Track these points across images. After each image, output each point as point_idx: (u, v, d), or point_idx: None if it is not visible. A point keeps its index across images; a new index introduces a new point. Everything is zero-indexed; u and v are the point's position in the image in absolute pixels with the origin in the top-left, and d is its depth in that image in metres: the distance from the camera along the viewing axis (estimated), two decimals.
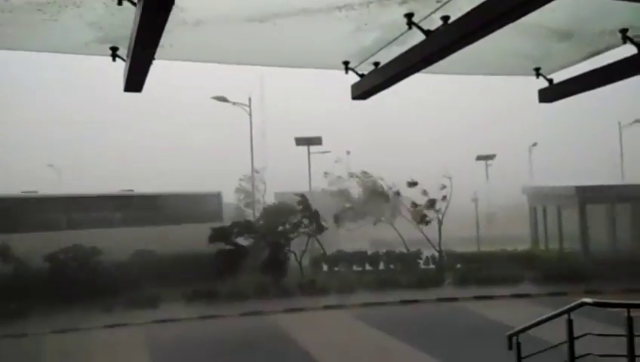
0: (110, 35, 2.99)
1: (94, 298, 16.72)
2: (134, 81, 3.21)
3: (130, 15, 2.62)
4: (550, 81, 4.27)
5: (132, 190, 22.98)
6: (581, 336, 6.09)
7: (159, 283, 18.14)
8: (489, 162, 36.14)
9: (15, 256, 17.31)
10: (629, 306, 5.92)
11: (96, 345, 13.69)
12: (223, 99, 27.57)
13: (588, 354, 6.27)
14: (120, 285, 17.80)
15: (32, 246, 17.43)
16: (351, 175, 23.36)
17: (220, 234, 19.80)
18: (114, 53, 3.09)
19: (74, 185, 26.94)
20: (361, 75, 3.93)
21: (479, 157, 36.46)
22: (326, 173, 23.92)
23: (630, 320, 5.70)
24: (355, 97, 4.12)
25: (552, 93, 4.28)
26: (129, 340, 14.10)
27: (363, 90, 3.98)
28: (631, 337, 5.72)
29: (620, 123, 39.21)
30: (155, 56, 2.94)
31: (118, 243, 18.81)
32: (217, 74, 25.11)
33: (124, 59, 3.12)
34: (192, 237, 20.12)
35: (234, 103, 28.32)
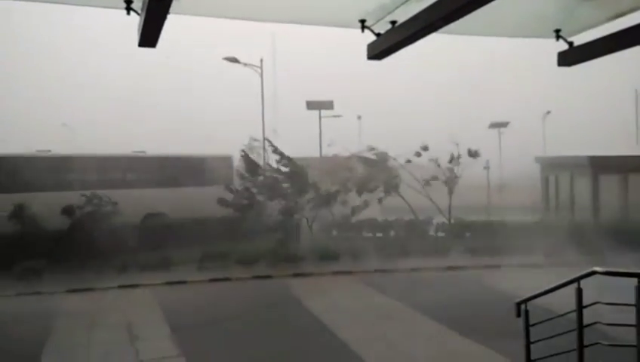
0: None
1: (108, 259, 16.97)
2: (149, 36, 3.16)
3: None
4: (570, 43, 4.17)
5: (144, 151, 23.07)
6: (590, 305, 6.09)
7: (170, 246, 18.36)
8: (502, 130, 35.83)
9: (29, 215, 17.56)
10: (639, 275, 5.88)
11: (110, 305, 13.97)
12: (234, 60, 27.37)
13: (596, 323, 6.28)
14: (132, 247, 18.03)
15: (46, 205, 17.66)
16: (352, 154, 23.12)
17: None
18: (128, 5, 3.04)
19: (87, 145, 27.02)
20: (378, 34, 3.85)
21: (492, 125, 36.14)
22: (329, 144, 23.90)
23: None
24: (370, 57, 4.05)
25: (572, 56, 4.17)
26: (143, 300, 14.38)
27: (379, 50, 3.90)
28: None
29: (636, 91, 38.52)
30: (170, 10, 2.89)
31: (130, 204, 18.98)
32: (229, 33, 24.82)
33: (138, 13, 3.07)
34: (203, 200, 20.29)
35: (245, 65, 28.12)
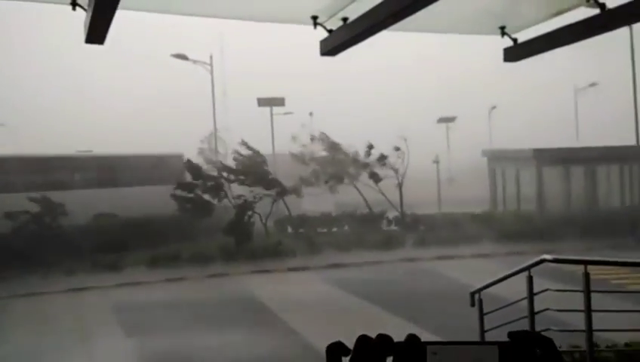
0: None
1: (56, 262, 16.44)
2: (96, 32, 3.07)
3: None
4: (515, 40, 4.31)
5: (91, 150, 22.42)
6: (540, 292, 6.31)
7: (121, 247, 17.93)
8: (449, 125, 36.60)
9: None
10: (586, 262, 6.14)
11: (59, 309, 13.52)
12: (183, 57, 26.92)
13: (547, 309, 6.53)
14: (81, 249, 17.50)
15: None
16: (312, 138, 23.43)
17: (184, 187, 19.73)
18: (74, 1, 2.95)
19: (29, 146, 26.03)
20: (330, 31, 3.87)
21: (440, 120, 36.88)
22: (294, 138, 23.92)
23: (587, 276, 5.90)
24: (323, 53, 4.08)
25: (516, 52, 4.31)
26: (93, 303, 14.00)
27: (332, 46, 3.93)
28: (588, 293, 5.92)
29: (575, 86, 40.14)
30: (118, 6, 2.82)
31: (77, 205, 18.41)
32: (178, 30, 24.44)
33: (84, 9, 2.99)
34: (154, 200, 19.89)
35: (195, 62, 27.70)
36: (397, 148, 22.25)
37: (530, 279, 6.32)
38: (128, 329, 11.39)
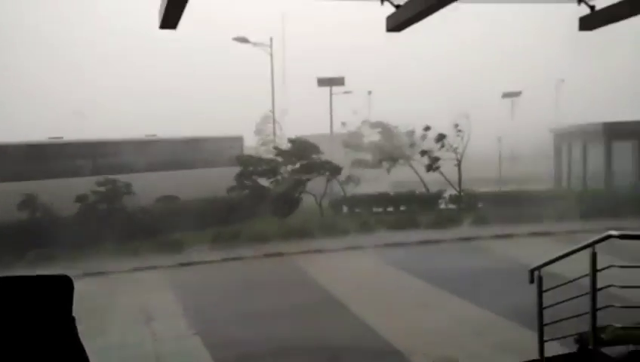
0: None
1: (121, 242, 17.23)
2: (171, 17, 3.14)
3: None
4: (592, 7, 4.09)
5: (155, 134, 23.23)
6: (605, 269, 6.02)
7: (183, 228, 18.55)
8: (515, 99, 35.36)
9: (42, 203, 17.77)
10: None
11: (126, 287, 14.21)
12: (244, 40, 27.25)
13: (610, 286, 6.23)
14: (145, 229, 18.24)
15: (59, 192, 17.87)
16: (365, 122, 23.29)
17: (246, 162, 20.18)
18: None
19: (99, 131, 27.30)
20: (397, 6, 3.83)
21: (505, 95, 35.68)
22: (343, 123, 23.94)
23: None
24: (389, 29, 4.04)
25: (593, 20, 4.09)
26: (157, 282, 14.61)
27: (398, 22, 3.88)
28: None
29: None
30: None
31: (142, 188, 19.16)
32: (239, 12, 24.83)
33: None
34: (215, 182, 20.41)
35: (255, 44, 27.99)
36: (456, 126, 21.72)
37: (594, 255, 6.04)
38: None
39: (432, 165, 21.70)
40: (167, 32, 3.49)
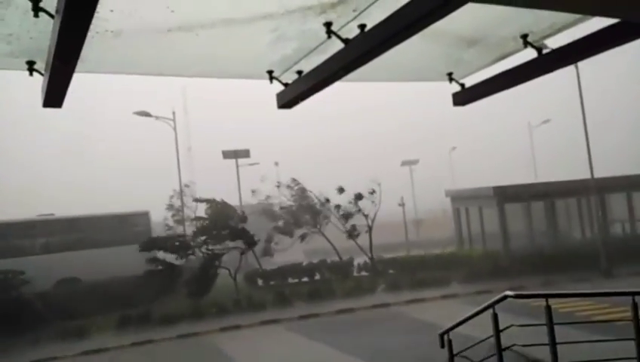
0: (26, 48, 2.90)
1: (17, 334, 15.79)
2: (54, 96, 3.11)
3: (47, 27, 2.56)
4: (462, 85, 4.54)
5: (52, 214, 21.92)
6: (506, 328, 6.39)
7: (87, 312, 17.34)
8: (413, 167, 37.32)
9: None
10: (547, 296, 6.27)
11: None
12: (145, 113, 26.98)
13: (514, 345, 6.60)
14: (44, 317, 16.86)
15: None
16: (278, 184, 23.65)
17: (151, 245, 19.37)
18: (31, 67, 3.00)
19: None
20: (285, 84, 4.00)
21: (404, 163, 37.60)
22: (253, 191, 24.12)
23: (549, 309, 6.01)
24: (280, 106, 4.18)
25: (464, 96, 4.54)
26: None
27: (288, 99, 4.05)
28: (551, 325, 6.02)
29: (529, 124, 41.68)
30: (76, 69, 2.88)
31: (40, 271, 17.86)
32: (139, 89, 24.73)
33: (41, 73, 3.04)
34: (120, 261, 19.44)
35: (157, 118, 27.77)
36: (372, 192, 22.33)
37: (495, 316, 6.41)
38: None
39: (352, 232, 22.09)
40: (63, 108, 3.45)
